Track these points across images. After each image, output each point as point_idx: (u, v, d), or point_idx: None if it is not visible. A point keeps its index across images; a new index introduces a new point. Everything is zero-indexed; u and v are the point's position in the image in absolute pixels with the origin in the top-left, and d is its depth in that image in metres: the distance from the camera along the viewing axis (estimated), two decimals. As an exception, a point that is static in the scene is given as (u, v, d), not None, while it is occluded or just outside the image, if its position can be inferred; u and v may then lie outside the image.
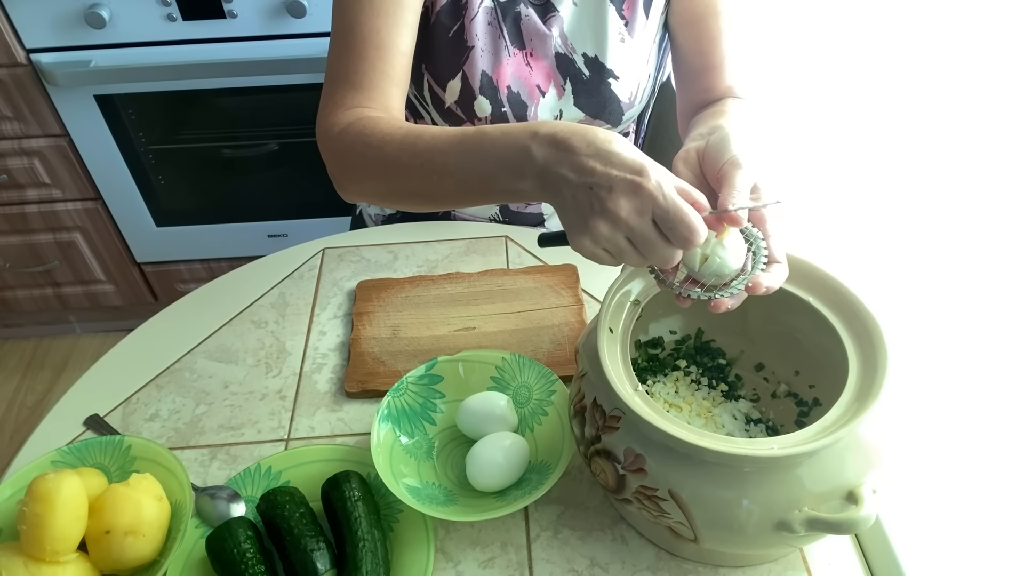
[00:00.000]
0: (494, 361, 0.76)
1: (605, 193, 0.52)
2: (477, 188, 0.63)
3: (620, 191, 0.52)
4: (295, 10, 1.40)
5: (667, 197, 0.51)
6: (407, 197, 0.71)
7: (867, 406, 0.53)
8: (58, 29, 1.41)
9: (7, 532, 0.64)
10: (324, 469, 0.69)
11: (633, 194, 0.52)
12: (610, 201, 0.52)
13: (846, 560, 0.65)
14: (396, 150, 0.67)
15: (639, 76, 0.91)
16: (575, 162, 0.54)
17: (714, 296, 0.56)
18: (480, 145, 0.61)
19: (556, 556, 0.66)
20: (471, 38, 0.85)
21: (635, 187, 0.52)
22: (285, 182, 1.74)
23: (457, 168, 0.63)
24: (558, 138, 0.56)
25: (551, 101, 0.89)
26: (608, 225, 0.53)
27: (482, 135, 0.61)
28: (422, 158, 0.65)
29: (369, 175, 0.71)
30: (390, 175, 0.68)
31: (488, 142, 0.60)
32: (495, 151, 0.60)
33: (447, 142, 0.64)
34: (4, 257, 1.75)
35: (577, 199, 0.54)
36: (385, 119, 0.71)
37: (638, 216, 0.52)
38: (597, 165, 0.53)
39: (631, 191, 0.52)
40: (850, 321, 0.60)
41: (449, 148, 0.63)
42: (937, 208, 0.88)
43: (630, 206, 0.52)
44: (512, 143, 0.58)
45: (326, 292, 0.92)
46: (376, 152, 0.68)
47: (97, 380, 0.82)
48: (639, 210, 0.52)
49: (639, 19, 0.88)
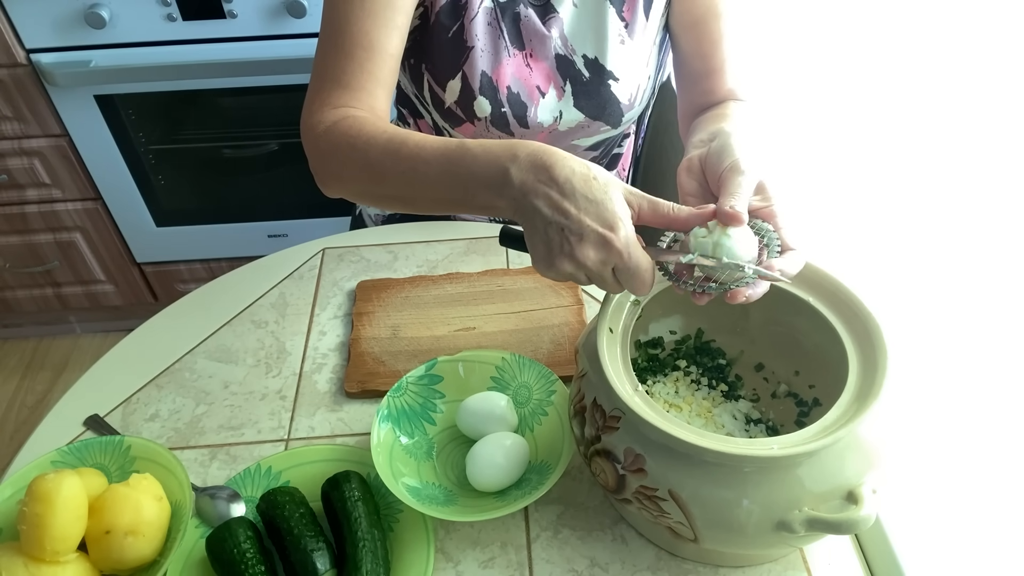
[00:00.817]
0: (494, 361, 0.76)
1: (575, 240, 0.55)
2: (456, 200, 0.64)
3: (590, 242, 0.55)
4: (295, 10, 1.40)
5: (631, 256, 0.55)
6: (386, 200, 0.72)
7: (867, 406, 0.53)
8: (58, 29, 1.41)
9: (7, 532, 0.64)
10: (324, 469, 0.69)
11: (601, 247, 0.55)
12: (578, 248, 0.55)
13: (846, 560, 0.65)
14: (380, 154, 0.68)
15: (639, 78, 0.91)
16: (551, 199, 0.55)
17: (728, 287, 0.56)
18: (462, 159, 0.62)
19: (556, 556, 0.66)
20: (471, 38, 0.85)
21: (605, 242, 0.55)
22: (285, 182, 1.74)
23: (438, 179, 0.64)
24: (538, 166, 0.57)
25: (551, 102, 0.89)
26: (571, 266, 0.56)
27: (464, 150, 0.62)
28: (404, 165, 0.66)
29: (351, 175, 0.72)
30: (372, 178, 0.69)
31: (470, 158, 0.61)
32: (476, 167, 0.60)
33: (430, 152, 0.64)
34: (4, 257, 1.75)
35: (548, 234, 0.56)
36: (371, 120, 0.72)
37: (601, 266, 0.56)
38: (572, 209, 0.55)
39: (600, 244, 0.55)
40: (850, 321, 0.60)
41: (431, 158, 0.64)
42: (937, 208, 0.88)
43: (596, 257, 0.55)
44: (493, 161, 0.59)
45: (326, 292, 0.92)
46: (360, 154, 0.69)
47: (97, 380, 0.82)
48: (603, 261, 0.55)
49: (639, 21, 0.88)
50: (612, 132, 0.94)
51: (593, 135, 0.94)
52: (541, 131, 0.91)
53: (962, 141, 0.95)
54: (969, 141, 0.95)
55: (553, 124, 0.91)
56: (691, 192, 0.64)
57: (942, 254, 0.84)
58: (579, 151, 0.97)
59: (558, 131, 0.92)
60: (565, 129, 0.91)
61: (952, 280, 0.81)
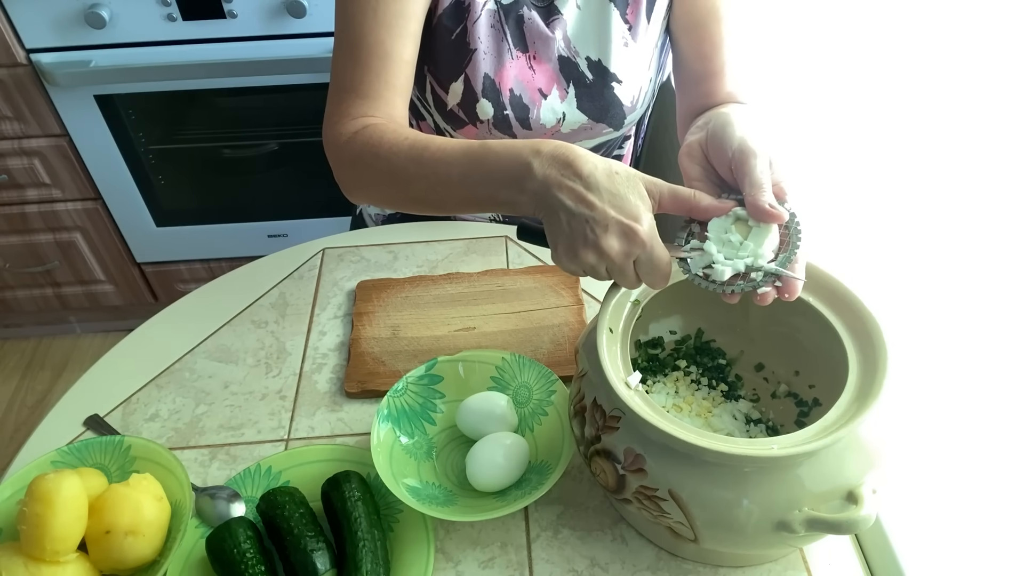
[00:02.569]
0: (494, 361, 0.76)
1: (600, 230, 0.56)
2: (480, 198, 0.66)
3: (614, 232, 0.56)
4: (295, 10, 1.40)
5: (654, 248, 0.56)
6: (413, 203, 0.73)
7: (867, 406, 0.53)
8: (58, 29, 1.41)
9: (7, 532, 0.64)
10: (324, 469, 0.69)
11: (626, 238, 0.56)
12: (603, 239, 0.56)
13: (846, 560, 0.65)
14: (403, 160, 0.69)
15: (641, 80, 0.90)
16: (575, 191, 0.56)
17: (758, 285, 0.57)
18: (484, 157, 0.63)
19: (556, 556, 0.66)
20: (474, 41, 0.85)
21: (630, 233, 0.55)
22: (285, 182, 1.74)
23: (461, 179, 0.65)
24: (560, 160, 0.58)
25: (554, 104, 0.89)
26: (595, 256, 0.57)
27: (487, 149, 0.63)
28: (428, 169, 0.67)
29: (377, 183, 0.73)
30: (397, 184, 0.71)
31: (492, 156, 0.62)
32: (498, 164, 0.62)
33: (452, 154, 0.66)
34: (4, 257, 1.75)
35: (571, 226, 0.57)
36: (391, 128, 0.73)
37: (624, 257, 0.56)
38: (597, 201, 0.56)
39: (625, 235, 0.56)
40: (850, 321, 0.60)
41: (454, 160, 0.65)
42: (937, 208, 0.88)
43: (620, 247, 0.56)
44: (515, 157, 0.60)
45: (326, 292, 0.92)
46: (384, 163, 0.71)
47: (97, 380, 0.82)
48: (627, 252, 0.56)
49: (642, 23, 0.87)
50: (614, 134, 0.94)
51: (595, 137, 0.94)
52: (544, 133, 0.91)
53: (962, 141, 0.95)
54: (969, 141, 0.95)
55: (556, 126, 0.90)
56: (696, 176, 0.64)
57: (942, 254, 0.84)
58: None
59: (560, 133, 0.92)
60: (568, 131, 0.91)
61: (952, 280, 0.81)
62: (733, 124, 0.61)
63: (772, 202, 0.56)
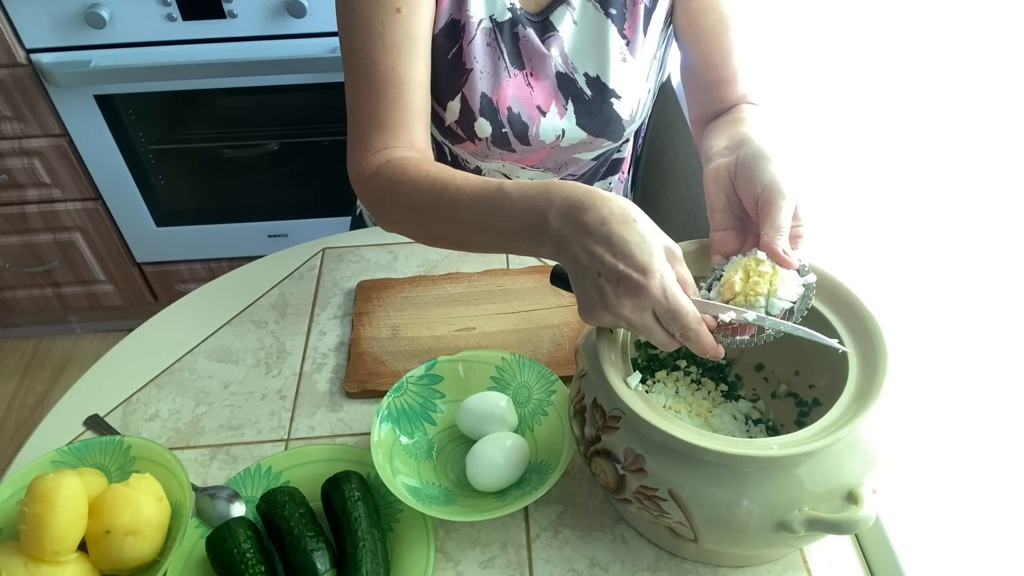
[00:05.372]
0: (494, 361, 0.76)
1: (611, 288, 0.54)
2: (501, 244, 0.66)
3: (624, 289, 0.54)
4: (295, 10, 1.40)
5: (669, 298, 0.54)
6: (440, 242, 0.73)
7: (867, 406, 0.53)
8: (58, 29, 1.41)
9: (7, 532, 0.65)
10: (324, 469, 0.69)
11: (636, 294, 0.54)
12: (614, 296, 0.54)
13: (846, 560, 0.65)
14: (424, 200, 0.69)
15: (640, 93, 0.90)
16: (586, 245, 0.55)
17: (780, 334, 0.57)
18: (500, 209, 0.62)
19: (556, 556, 0.66)
20: (470, 60, 0.84)
21: (639, 288, 0.53)
22: (285, 182, 1.74)
23: (483, 224, 0.65)
24: (574, 211, 0.56)
25: (553, 121, 0.88)
26: (610, 316, 0.55)
27: (503, 196, 0.62)
28: (447, 212, 0.67)
29: (401, 220, 0.74)
30: (420, 223, 0.71)
31: (508, 205, 0.61)
32: (515, 213, 0.61)
33: (471, 197, 0.65)
34: (4, 257, 1.75)
35: (586, 281, 0.56)
36: (413, 162, 0.72)
37: (639, 312, 0.54)
38: (607, 255, 0.54)
39: (634, 291, 0.53)
40: (850, 321, 0.60)
41: (473, 204, 0.65)
42: (937, 209, 0.88)
43: (632, 304, 0.54)
44: (531, 207, 0.59)
45: (326, 292, 0.92)
46: (407, 200, 0.71)
47: (97, 380, 0.82)
48: (640, 307, 0.54)
49: (639, 37, 0.86)
50: (613, 145, 0.94)
51: (595, 150, 0.93)
52: (543, 147, 0.90)
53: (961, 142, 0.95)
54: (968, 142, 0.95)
55: (555, 141, 0.90)
56: (719, 207, 0.64)
57: (942, 254, 0.84)
58: (581, 163, 0.97)
59: (560, 148, 0.91)
60: (567, 145, 0.91)
61: (952, 280, 0.81)
62: (767, 157, 0.61)
63: (787, 248, 0.58)
